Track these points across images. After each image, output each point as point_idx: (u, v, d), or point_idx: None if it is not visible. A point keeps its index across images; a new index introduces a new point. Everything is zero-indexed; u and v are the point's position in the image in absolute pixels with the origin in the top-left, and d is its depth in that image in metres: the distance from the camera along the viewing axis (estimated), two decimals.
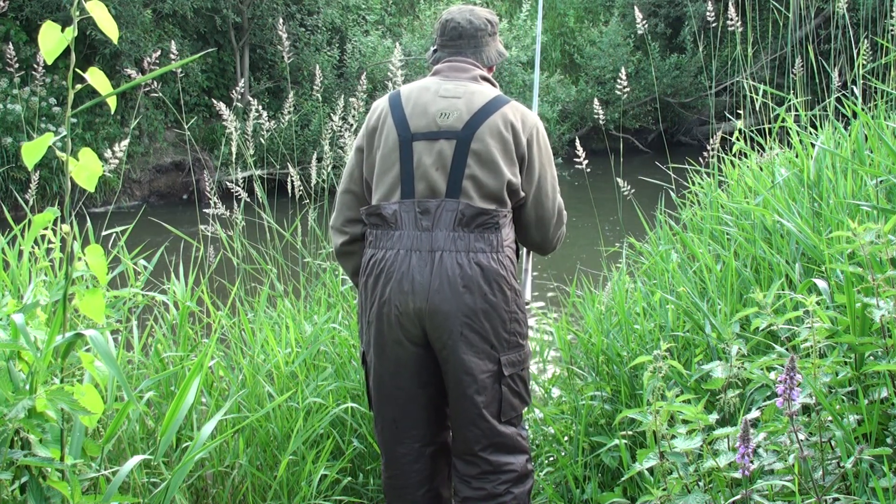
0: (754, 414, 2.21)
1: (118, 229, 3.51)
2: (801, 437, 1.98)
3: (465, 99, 2.53)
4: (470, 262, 2.44)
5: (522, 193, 2.56)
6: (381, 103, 2.63)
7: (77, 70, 1.89)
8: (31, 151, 1.78)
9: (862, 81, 3.84)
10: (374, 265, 2.51)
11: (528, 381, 2.62)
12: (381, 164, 2.54)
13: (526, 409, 2.63)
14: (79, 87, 1.85)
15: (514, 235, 2.59)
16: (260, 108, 4.29)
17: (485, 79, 2.64)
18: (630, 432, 2.80)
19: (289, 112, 4.41)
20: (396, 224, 2.48)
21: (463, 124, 2.50)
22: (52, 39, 1.80)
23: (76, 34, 1.81)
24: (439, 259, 2.44)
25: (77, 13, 1.83)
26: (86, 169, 1.88)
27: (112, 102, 2.00)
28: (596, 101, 4.29)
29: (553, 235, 2.69)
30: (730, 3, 4.31)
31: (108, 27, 1.83)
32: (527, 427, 2.67)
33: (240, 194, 3.91)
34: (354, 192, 2.64)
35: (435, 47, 2.71)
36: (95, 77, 1.84)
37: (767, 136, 4.17)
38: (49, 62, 1.83)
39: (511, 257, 2.54)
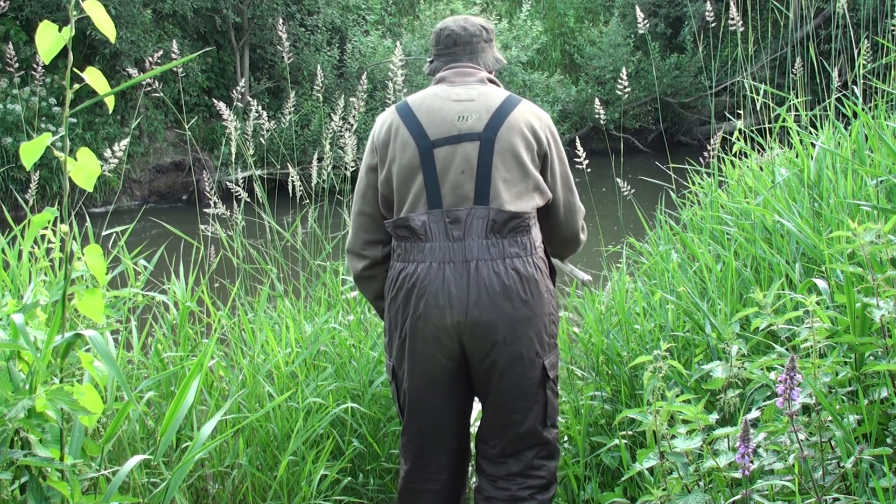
0: (754, 414, 2.21)
1: (118, 229, 3.51)
2: (801, 437, 1.98)
3: (479, 101, 2.47)
4: (507, 270, 2.36)
5: (551, 194, 2.52)
6: (388, 116, 2.53)
7: (75, 70, 1.89)
8: (30, 151, 1.79)
9: (862, 81, 3.84)
10: (404, 279, 2.41)
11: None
12: (402, 176, 2.44)
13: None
14: (77, 86, 1.85)
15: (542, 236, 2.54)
16: (260, 108, 4.29)
17: (491, 81, 2.58)
18: (630, 432, 2.79)
19: (289, 112, 4.41)
20: (426, 236, 2.39)
21: (484, 125, 2.42)
22: (49, 39, 1.80)
23: (74, 34, 1.81)
24: (475, 269, 2.35)
25: (75, 13, 1.83)
26: (84, 169, 1.88)
27: (110, 102, 2.01)
28: (597, 101, 4.29)
29: (581, 226, 2.68)
30: (730, 3, 4.30)
31: (106, 27, 1.83)
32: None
33: (240, 194, 3.91)
34: (369, 214, 2.55)
35: (431, 58, 2.66)
36: (93, 77, 1.84)
37: (767, 136, 4.16)
38: (46, 62, 1.83)
39: (544, 258, 2.50)
